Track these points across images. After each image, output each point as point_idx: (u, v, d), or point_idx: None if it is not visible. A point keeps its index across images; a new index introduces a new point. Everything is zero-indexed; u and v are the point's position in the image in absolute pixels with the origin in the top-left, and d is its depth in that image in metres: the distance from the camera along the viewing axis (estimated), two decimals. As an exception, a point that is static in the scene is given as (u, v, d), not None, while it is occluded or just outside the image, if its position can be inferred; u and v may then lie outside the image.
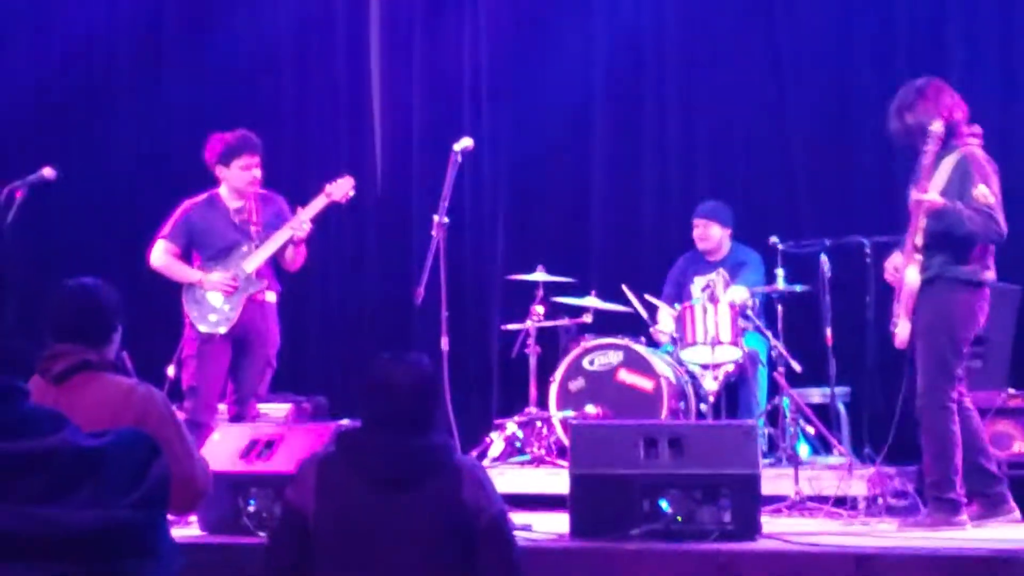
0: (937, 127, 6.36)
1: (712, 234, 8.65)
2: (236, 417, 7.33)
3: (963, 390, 6.53)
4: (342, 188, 7.60)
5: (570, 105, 9.71)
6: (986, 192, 6.36)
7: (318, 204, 7.53)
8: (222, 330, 7.34)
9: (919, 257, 6.43)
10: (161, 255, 7.50)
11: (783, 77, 9.29)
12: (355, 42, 10.14)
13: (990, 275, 6.49)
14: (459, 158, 7.67)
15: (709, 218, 8.65)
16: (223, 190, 7.54)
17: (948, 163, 6.44)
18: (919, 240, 6.43)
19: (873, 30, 9.12)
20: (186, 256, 7.54)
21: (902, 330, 6.48)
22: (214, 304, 7.36)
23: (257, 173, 7.46)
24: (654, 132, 9.60)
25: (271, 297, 7.52)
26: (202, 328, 7.35)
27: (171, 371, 7.59)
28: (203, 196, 7.58)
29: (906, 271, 6.44)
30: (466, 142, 7.70)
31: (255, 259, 7.41)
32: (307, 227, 7.41)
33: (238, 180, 7.45)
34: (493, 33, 9.90)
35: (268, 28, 10.10)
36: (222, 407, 7.57)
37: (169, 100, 9.99)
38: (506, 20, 9.86)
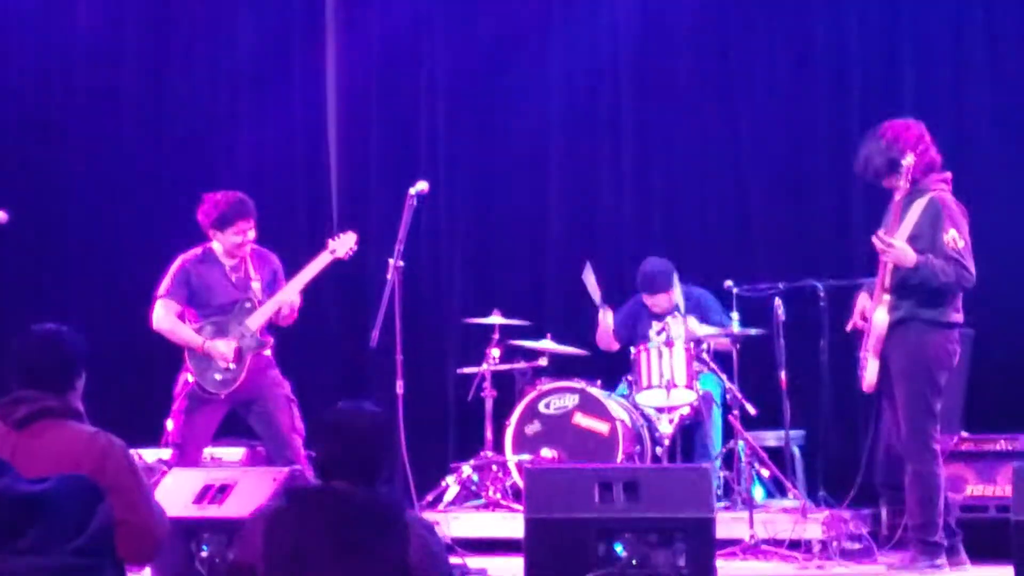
0: (909, 161, 6.37)
1: (662, 301, 8.47)
2: (287, 461, 6.98)
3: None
4: (345, 244, 7.50)
5: (526, 149, 9.73)
6: (956, 237, 6.38)
7: (322, 261, 7.42)
8: (224, 389, 7.16)
9: (887, 298, 6.43)
10: (165, 316, 7.25)
11: (738, 121, 9.33)
12: (312, 86, 10.12)
13: (959, 316, 6.52)
14: (415, 201, 7.65)
15: (655, 292, 8.47)
16: (216, 246, 7.33)
17: (918, 206, 6.45)
18: (888, 282, 6.44)
19: (828, 76, 9.17)
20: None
21: (870, 373, 6.48)
22: (220, 363, 7.17)
23: (251, 235, 7.27)
24: (610, 176, 9.62)
25: (268, 352, 7.40)
26: (206, 386, 7.16)
27: (170, 425, 7.29)
28: (197, 250, 7.37)
29: (875, 312, 6.45)
30: (421, 185, 7.69)
31: (258, 317, 7.26)
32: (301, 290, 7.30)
33: (231, 245, 7.25)
34: (450, 77, 9.91)
35: (226, 71, 10.07)
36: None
37: (125, 145, 9.91)
38: (463, 64, 9.88)
